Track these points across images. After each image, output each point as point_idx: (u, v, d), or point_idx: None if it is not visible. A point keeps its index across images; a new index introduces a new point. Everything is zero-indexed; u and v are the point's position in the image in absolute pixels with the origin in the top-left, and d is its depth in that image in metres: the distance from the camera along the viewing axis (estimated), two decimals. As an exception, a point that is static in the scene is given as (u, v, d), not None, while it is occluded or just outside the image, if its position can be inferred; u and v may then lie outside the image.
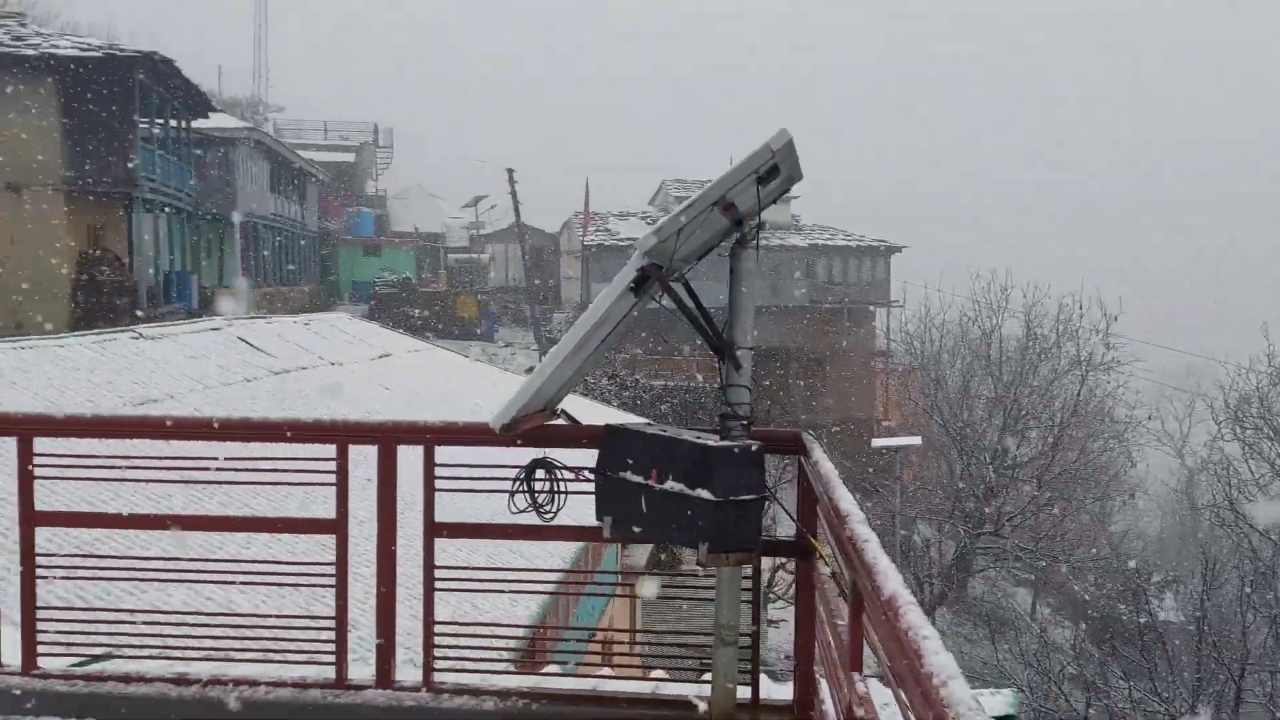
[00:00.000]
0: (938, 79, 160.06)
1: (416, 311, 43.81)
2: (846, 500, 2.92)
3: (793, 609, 4.42)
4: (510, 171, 41.48)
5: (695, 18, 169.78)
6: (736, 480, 3.78)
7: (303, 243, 46.06)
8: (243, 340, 12.97)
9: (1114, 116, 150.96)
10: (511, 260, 54.36)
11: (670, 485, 3.84)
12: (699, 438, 3.92)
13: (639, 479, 3.94)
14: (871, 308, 51.18)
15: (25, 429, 4.35)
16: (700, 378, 35.85)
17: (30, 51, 22.21)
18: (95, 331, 11.46)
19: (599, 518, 4.09)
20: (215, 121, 32.72)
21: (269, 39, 58.22)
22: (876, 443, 21.60)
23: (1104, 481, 38.35)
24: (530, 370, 35.11)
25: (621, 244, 46.76)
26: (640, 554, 16.44)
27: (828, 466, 3.53)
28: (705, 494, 3.72)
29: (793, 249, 49.35)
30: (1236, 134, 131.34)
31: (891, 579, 2.33)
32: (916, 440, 21.48)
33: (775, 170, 4.08)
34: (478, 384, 16.84)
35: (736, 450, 3.81)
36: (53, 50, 22.54)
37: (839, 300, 50.41)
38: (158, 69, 24.52)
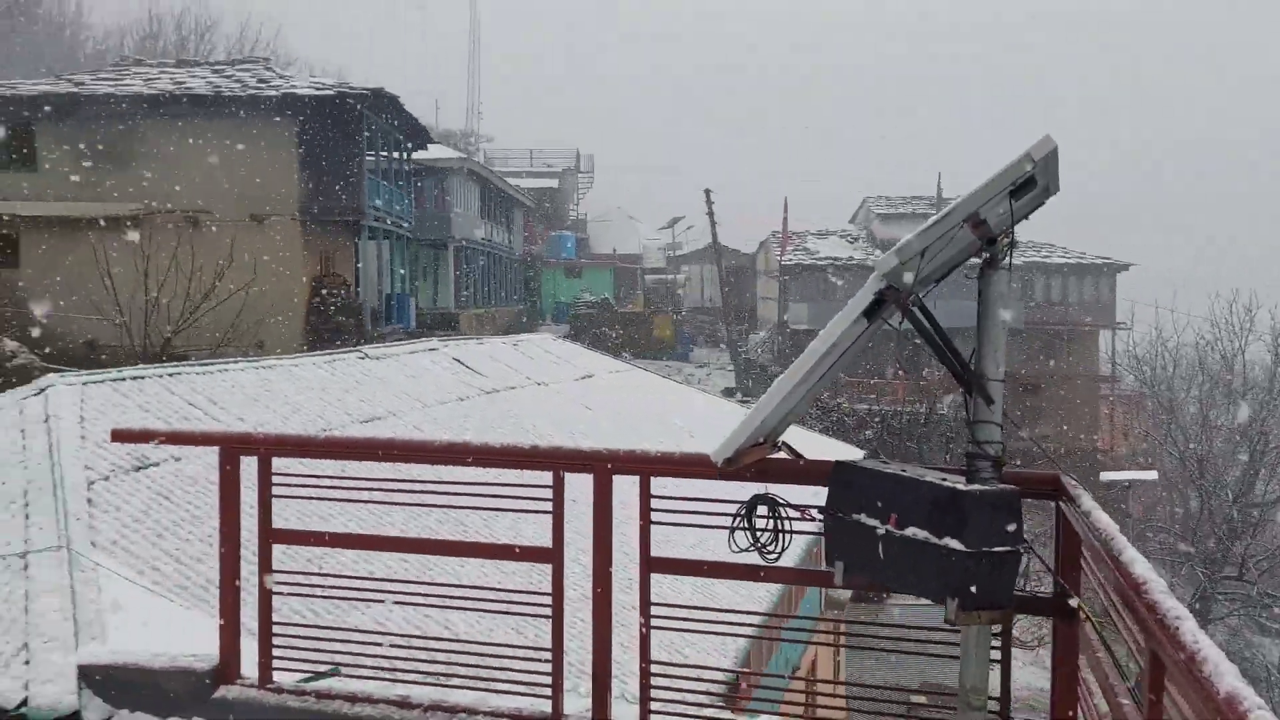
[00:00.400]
0: (936, 79, 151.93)
1: (614, 332, 44.66)
2: (1141, 565, 2.49)
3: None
4: (708, 192, 41.62)
5: (699, 17, 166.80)
6: (991, 529, 3.38)
7: (509, 266, 48.01)
8: (457, 360, 13.42)
9: (1113, 116, 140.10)
10: (707, 280, 54.55)
11: (913, 532, 3.49)
12: (944, 479, 3.54)
13: (876, 523, 3.61)
14: (1094, 329, 47.82)
15: (266, 449, 4.51)
16: (924, 403, 34.46)
17: (273, 93, 24.24)
18: (326, 352, 12.14)
19: (829, 562, 3.78)
20: (433, 152, 34.67)
21: (481, 73, 61.30)
22: (1106, 476, 19.87)
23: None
24: (728, 391, 34.63)
25: (821, 263, 45.93)
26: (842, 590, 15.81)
27: (1105, 519, 3.08)
28: (955, 544, 3.34)
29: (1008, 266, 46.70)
30: (1236, 134, 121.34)
31: (1212, 656, 1.93)
32: (1152, 475, 19.62)
33: (1031, 181, 3.67)
34: (679, 405, 16.79)
35: (991, 495, 3.41)
36: (292, 90, 24.52)
37: (1058, 321, 47.39)
38: (383, 105, 26.19)
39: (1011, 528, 3.45)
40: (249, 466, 4.55)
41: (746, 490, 4.12)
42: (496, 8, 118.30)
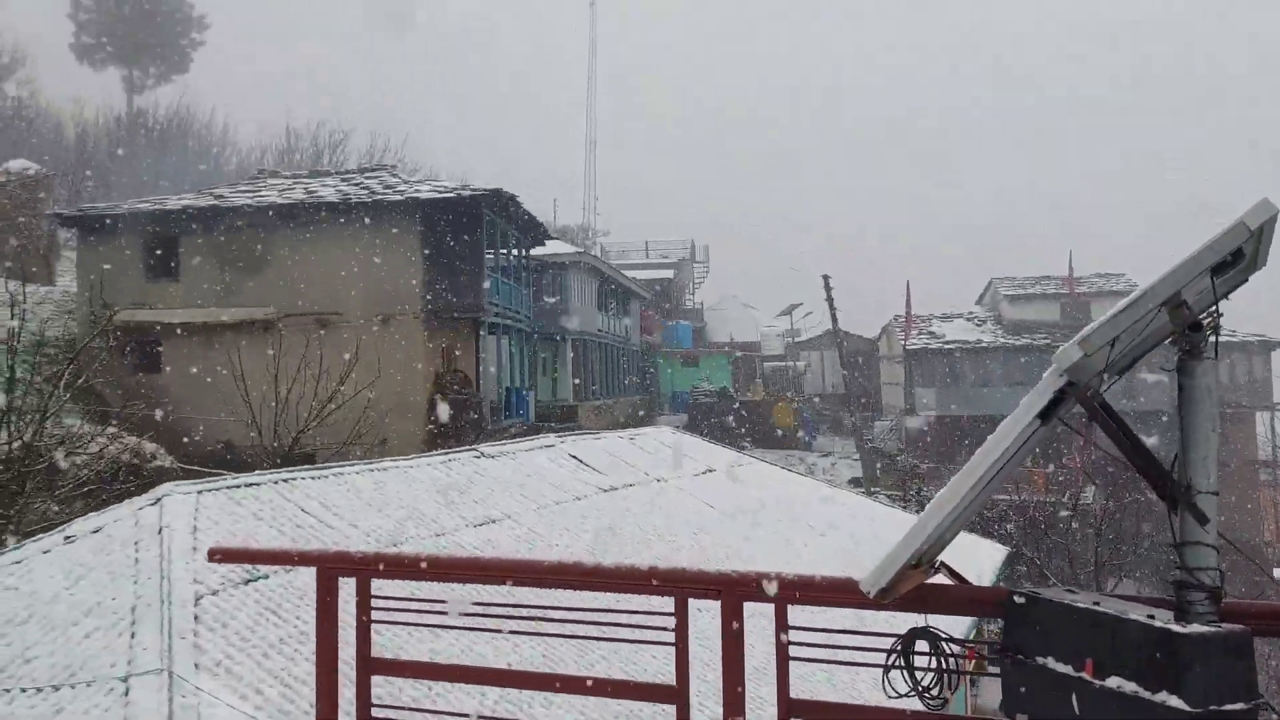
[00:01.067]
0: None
1: (734, 420, 43.99)
2: None
3: None
4: (826, 278, 41.05)
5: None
6: (1218, 682, 2.72)
7: (626, 357, 48.21)
8: (573, 457, 13.09)
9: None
10: (828, 366, 53.50)
11: (1116, 683, 2.84)
12: (1151, 616, 2.90)
13: (1066, 669, 2.98)
14: (1250, 411, 44.59)
15: (364, 570, 4.18)
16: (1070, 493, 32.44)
17: (398, 197, 25.14)
18: (442, 452, 11.99)
19: (1009, 715, 3.15)
20: (550, 248, 35.33)
21: (597, 171, 62.87)
22: None
23: None
24: (854, 482, 33.26)
25: (948, 347, 44.48)
26: (991, 694, 14.54)
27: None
28: (1175, 701, 2.69)
29: (1144, 345, 44.31)
30: None
31: None
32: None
33: (1237, 254, 3.08)
34: (807, 501, 16.05)
35: (1216, 639, 2.75)
36: (416, 195, 25.38)
37: (1207, 403, 44.40)
38: (502, 204, 26.84)
39: (1244, 680, 2.78)
40: (348, 587, 4.23)
41: (900, 620, 3.54)
42: (612, 110, 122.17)
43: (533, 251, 33.82)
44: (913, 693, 3.38)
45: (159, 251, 25.86)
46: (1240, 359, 45.61)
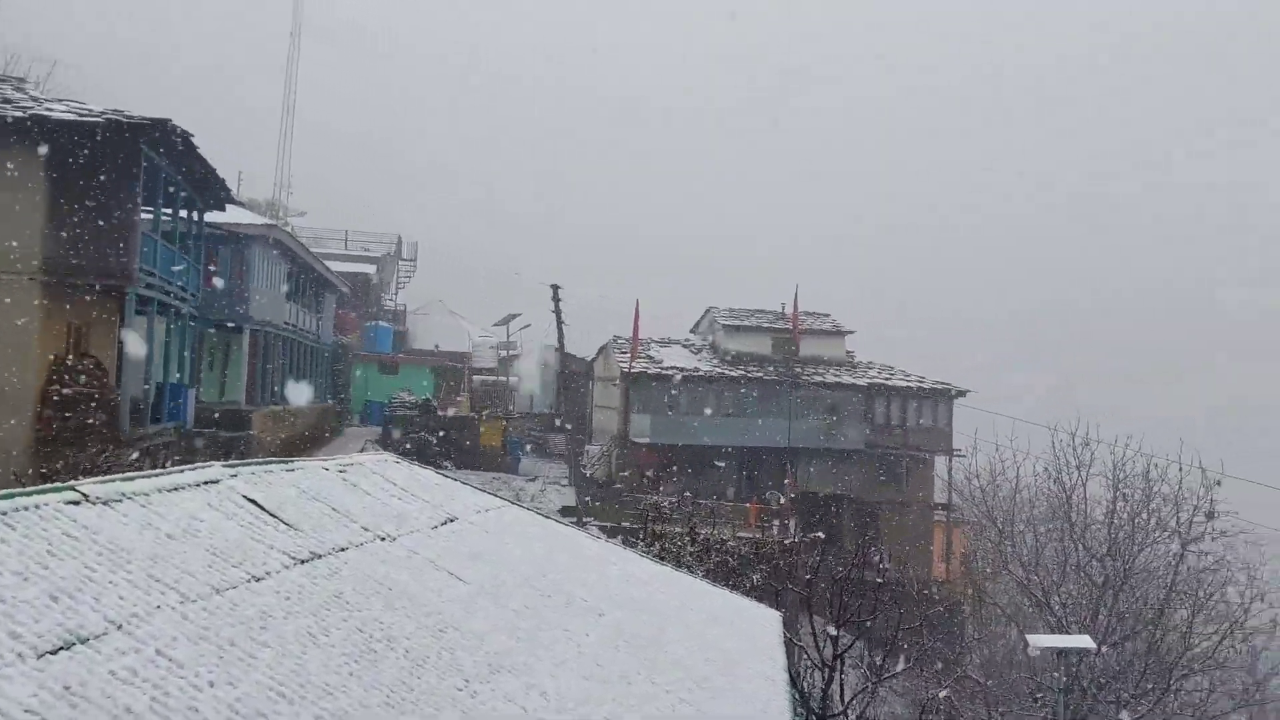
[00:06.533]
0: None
1: (435, 438, 39.27)
2: None
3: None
4: (555, 288, 37.65)
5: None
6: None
7: (315, 358, 41.89)
8: (251, 501, 8.21)
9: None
10: (539, 384, 50.11)
11: None
12: None
13: None
14: (931, 455, 46.68)
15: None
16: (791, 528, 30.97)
17: (17, 113, 18.41)
18: (8, 493, 6.70)
19: None
20: (233, 215, 28.97)
21: (293, 148, 55.55)
22: (1036, 641, 16.70)
23: (1215, 675, 32.92)
24: (566, 511, 29.61)
25: (666, 372, 42.61)
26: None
27: None
28: None
29: (850, 388, 45.19)
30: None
31: None
32: (1087, 642, 16.61)
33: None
34: (572, 562, 12.18)
35: None
36: (45, 113, 18.74)
37: (896, 445, 46.02)
38: (171, 144, 20.72)
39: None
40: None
41: None
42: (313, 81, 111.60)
43: (209, 217, 27.41)
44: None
45: None
46: (927, 406, 47.78)
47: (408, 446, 35.08)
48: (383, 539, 9.14)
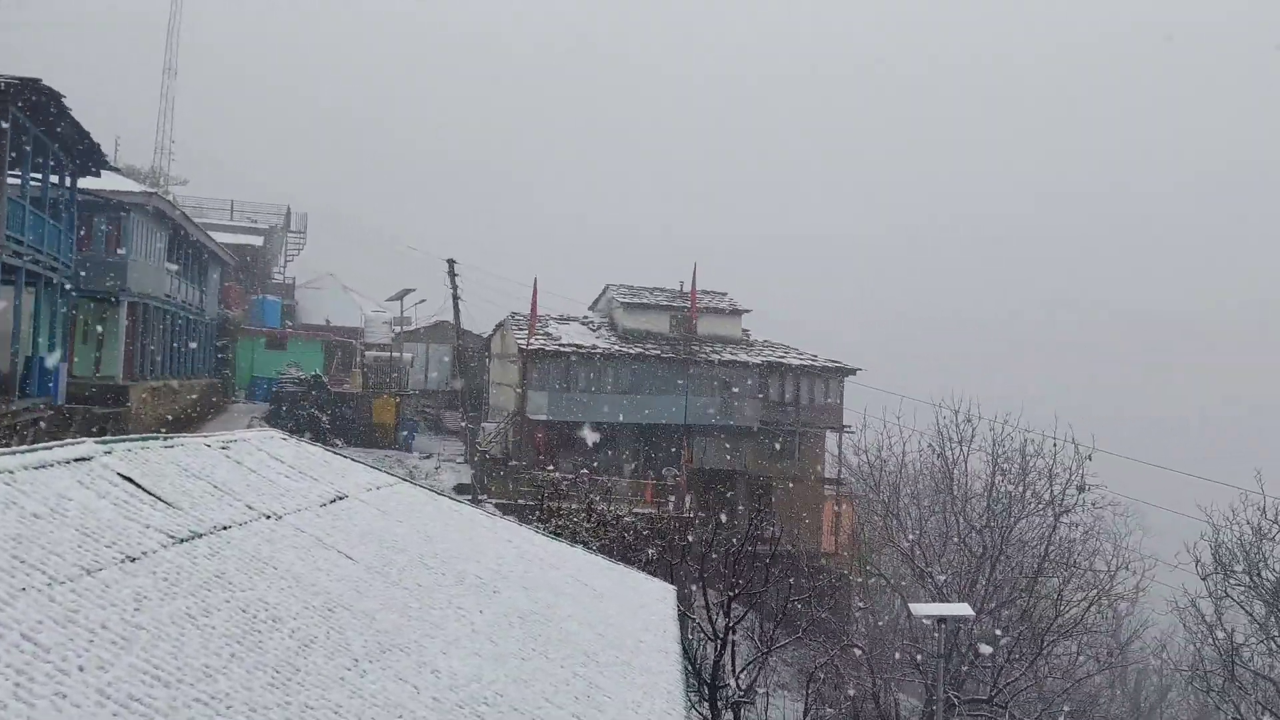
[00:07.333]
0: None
1: (325, 415, 38.32)
2: None
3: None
4: (451, 262, 37.01)
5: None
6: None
7: (198, 331, 40.28)
8: (127, 479, 7.90)
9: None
10: (433, 361, 49.32)
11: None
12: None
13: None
14: (823, 431, 47.88)
15: None
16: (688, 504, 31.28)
17: None
18: None
19: None
20: (108, 181, 27.52)
21: (175, 113, 53.13)
22: (917, 609, 17.41)
23: (1082, 640, 34.87)
24: (461, 489, 29.38)
25: (564, 349, 42.45)
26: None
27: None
28: None
29: (745, 366, 45.89)
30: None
31: None
32: (966, 610, 17.36)
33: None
34: (466, 538, 12.11)
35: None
36: (-103, 66, 17.46)
37: (789, 422, 47.08)
38: (41, 105, 19.54)
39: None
40: None
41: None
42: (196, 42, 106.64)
43: (84, 183, 25.98)
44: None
45: None
46: (819, 383, 48.90)
47: (297, 424, 34.15)
48: (268, 517, 8.90)
